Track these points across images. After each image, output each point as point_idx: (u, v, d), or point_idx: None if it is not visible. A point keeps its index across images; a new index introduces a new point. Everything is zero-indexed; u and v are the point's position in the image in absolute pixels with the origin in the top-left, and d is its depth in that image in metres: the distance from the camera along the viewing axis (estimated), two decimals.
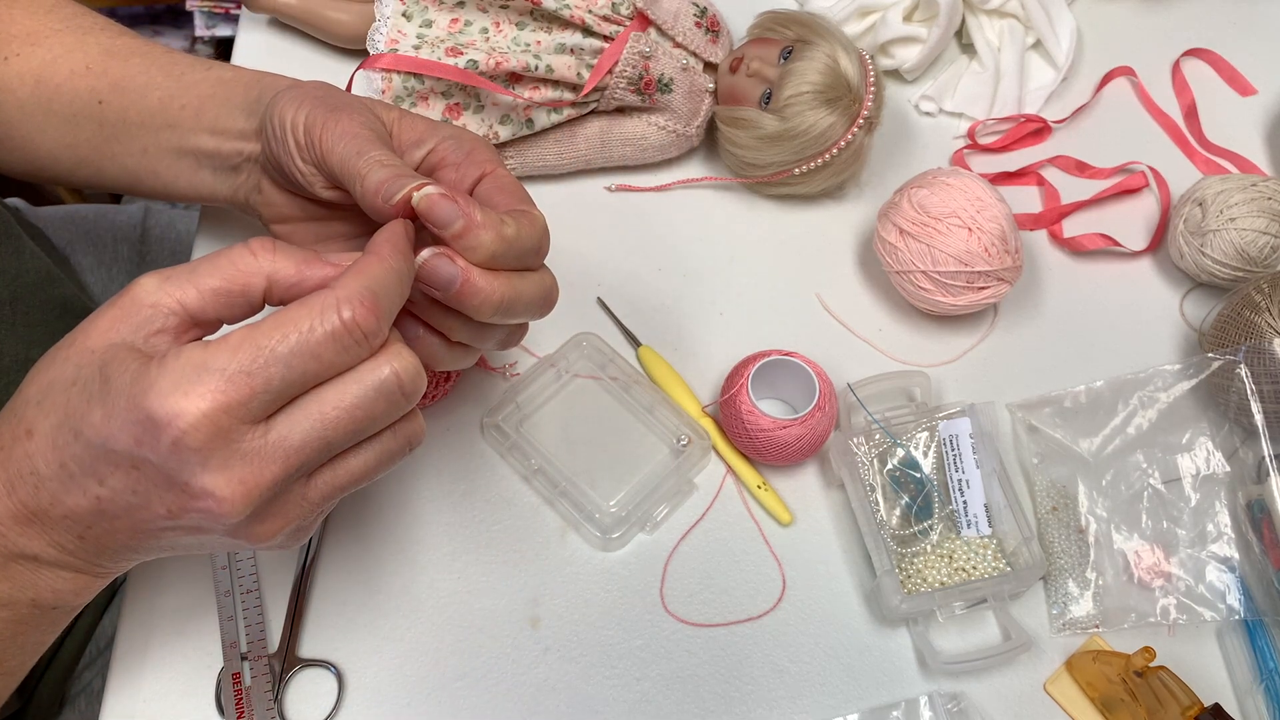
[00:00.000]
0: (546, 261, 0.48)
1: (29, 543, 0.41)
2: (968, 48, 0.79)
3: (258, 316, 0.40)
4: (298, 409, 0.39)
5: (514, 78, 0.66)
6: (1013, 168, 0.74)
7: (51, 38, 0.58)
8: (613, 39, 0.66)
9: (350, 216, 0.53)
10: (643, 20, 0.67)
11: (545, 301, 0.48)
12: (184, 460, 0.37)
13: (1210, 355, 0.62)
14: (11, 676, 0.47)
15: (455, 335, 0.47)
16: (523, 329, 0.52)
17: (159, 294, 0.40)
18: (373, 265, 0.40)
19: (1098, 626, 0.59)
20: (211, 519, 0.39)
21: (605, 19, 0.67)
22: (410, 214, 0.43)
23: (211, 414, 0.37)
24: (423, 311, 0.46)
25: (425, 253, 0.43)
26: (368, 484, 0.44)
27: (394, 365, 0.40)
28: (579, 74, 0.66)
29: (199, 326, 0.41)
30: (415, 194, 0.43)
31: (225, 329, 0.40)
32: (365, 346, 0.39)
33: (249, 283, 0.41)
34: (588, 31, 0.66)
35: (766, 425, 0.59)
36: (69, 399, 0.39)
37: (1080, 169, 0.75)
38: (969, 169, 0.73)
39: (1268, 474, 0.58)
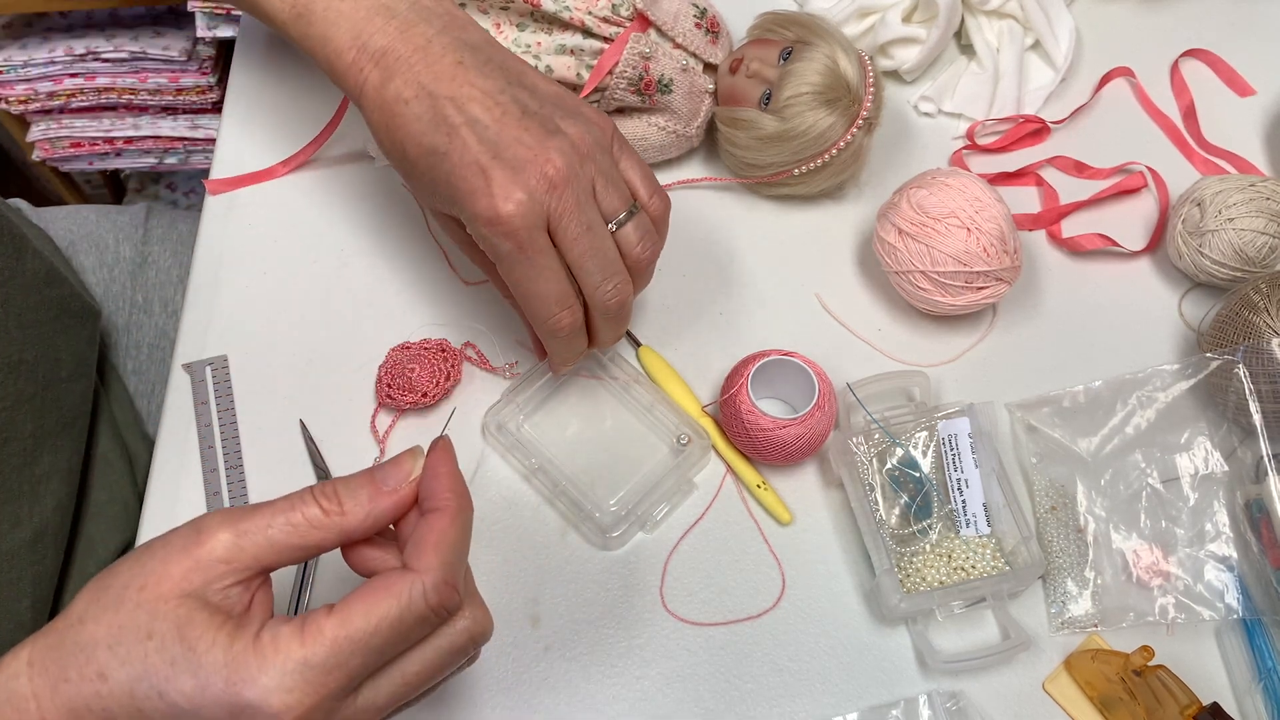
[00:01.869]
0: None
1: None
2: (967, 48, 0.79)
3: None
4: (383, 677, 0.42)
5: None
6: (1012, 168, 0.74)
7: None
8: (613, 40, 0.67)
9: None
10: (642, 21, 0.67)
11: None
12: None
13: (1209, 355, 0.62)
14: None
15: None
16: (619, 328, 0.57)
17: (234, 551, 0.41)
18: (447, 532, 0.43)
19: (1096, 626, 0.59)
20: None
21: (605, 20, 0.67)
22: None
23: (314, 706, 0.39)
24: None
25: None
26: None
27: (469, 628, 0.44)
28: (579, 75, 0.66)
29: (267, 573, 0.43)
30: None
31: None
32: (446, 620, 0.43)
33: (323, 540, 0.43)
34: (587, 33, 0.67)
35: (766, 425, 0.59)
36: (146, 655, 0.40)
37: (1079, 169, 0.75)
38: (968, 169, 0.73)
39: (1266, 473, 0.58)
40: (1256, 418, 0.59)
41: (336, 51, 0.55)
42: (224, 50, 1.33)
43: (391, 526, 0.46)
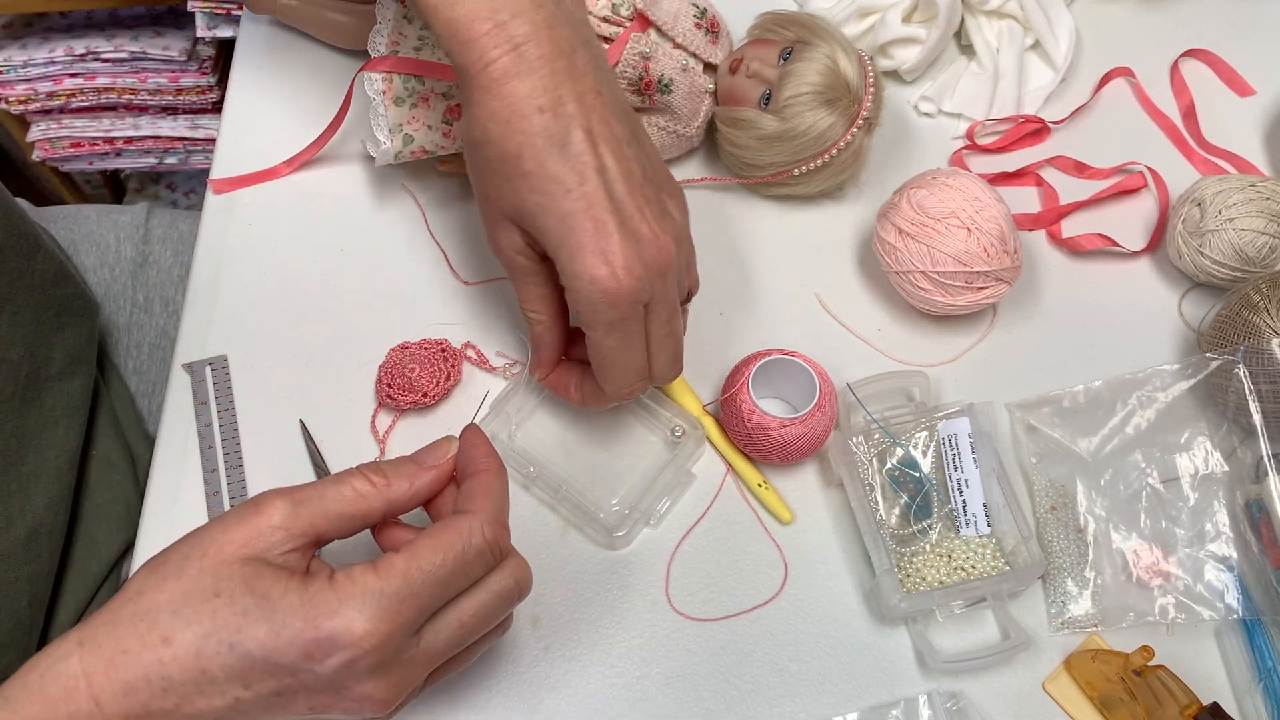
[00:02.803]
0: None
1: None
2: (967, 48, 0.79)
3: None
4: (442, 618, 0.45)
5: None
6: (1012, 168, 0.74)
7: None
8: (613, 40, 0.67)
9: None
10: (642, 21, 0.67)
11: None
12: (354, 673, 0.42)
13: (1209, 355, 0.62)
14: None
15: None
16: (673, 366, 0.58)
17: (291, 518, 0.44)
18: (493, 484, 0.48)
19: (1096, 625, 0.59)
20: (355, 714, 0.44)
21: (605, 20, 0.67)
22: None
23: (390, 634, 0.42)
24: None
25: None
26: None
27: (515, 575, 0.47)
28: None
29: (320, 543, 0.46)
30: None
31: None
32: (499, 559, 0.46)
33: (370, 509, 0.46)
34: None
35: (767, 424, 0.59)
36: (215, 611, 0.42)
37: (1079, 169, 0.75)
38: (968, 169, 0.73)
39: (1266, 473, 0.58)
40: (1256, 418, 0.59)
41: (469, 17, 0.49)
42: (224, 50, 1.33)
43: (425, 511, 0.50)
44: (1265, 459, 0.59)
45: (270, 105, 0.74)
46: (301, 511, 0.44)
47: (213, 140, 1.22)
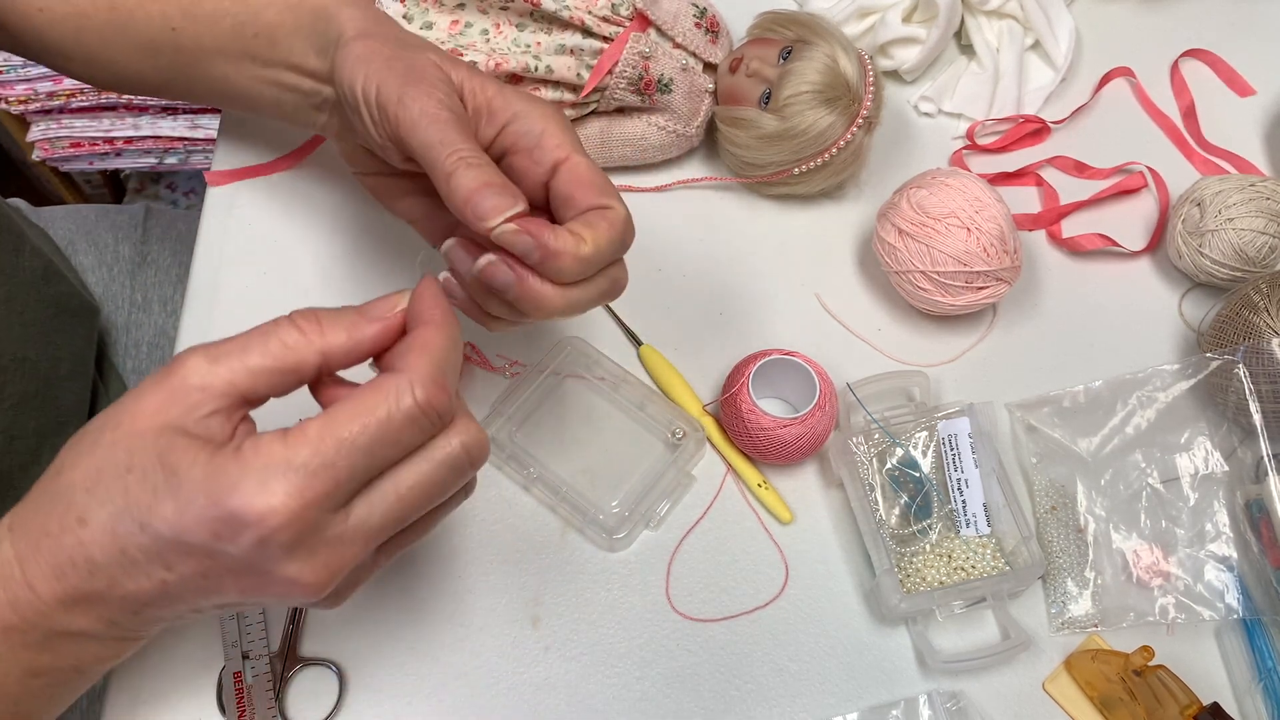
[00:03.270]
0: None
1: (75, 621, 0.41)
2: (967, 48, 0.79)
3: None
4: (375, 492, 0.40)
5: (514, 79, 0.66)
6: (1012, 168, 0.74)
7: None
8: (612, 40, 0.67)
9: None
10: (642, 21, 0.67)
11: (608, 296, 0.48)
12: (269, 553, 0.38)
13: (1209, 355, 0.62)
14: None
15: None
16: (615, 287, 0.50)
17: (209, 376, 0.39)
18: (433, 339, 0.41)
19: (1096, 626, 0.59)
20: (291, 598, 0.40)
21: (605, 20, 0.67)
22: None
23: (299, 510, 0.37)
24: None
25: (482, 260, 0.45)
26: None
27: (463, 439, 0.41)
28: (579, 75, 0.66)
29: (248, 404, 0.40)
30: (493, 231, 0.43)
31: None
32: (438, 425, 0.40)
33: (301, 360, 0.40)
34: (587, 32, 0.67)
35: (767, 424, 0.59)
36: (127, 487, 0.38)
37: (1079, 169, 0.75)
38: (968, 169, 0.73)
39: (1266, 473, 0.58)
40: (1256, 418, 0.59)
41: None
42: None
43: (373, 365, 0.43)
44: (1265, 459, 0.59)
45: None
46: (219, 369, 0.39)
47: (213, 140, 1.22)
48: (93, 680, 0.46)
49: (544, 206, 0.50)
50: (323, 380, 0.42)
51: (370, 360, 0.43)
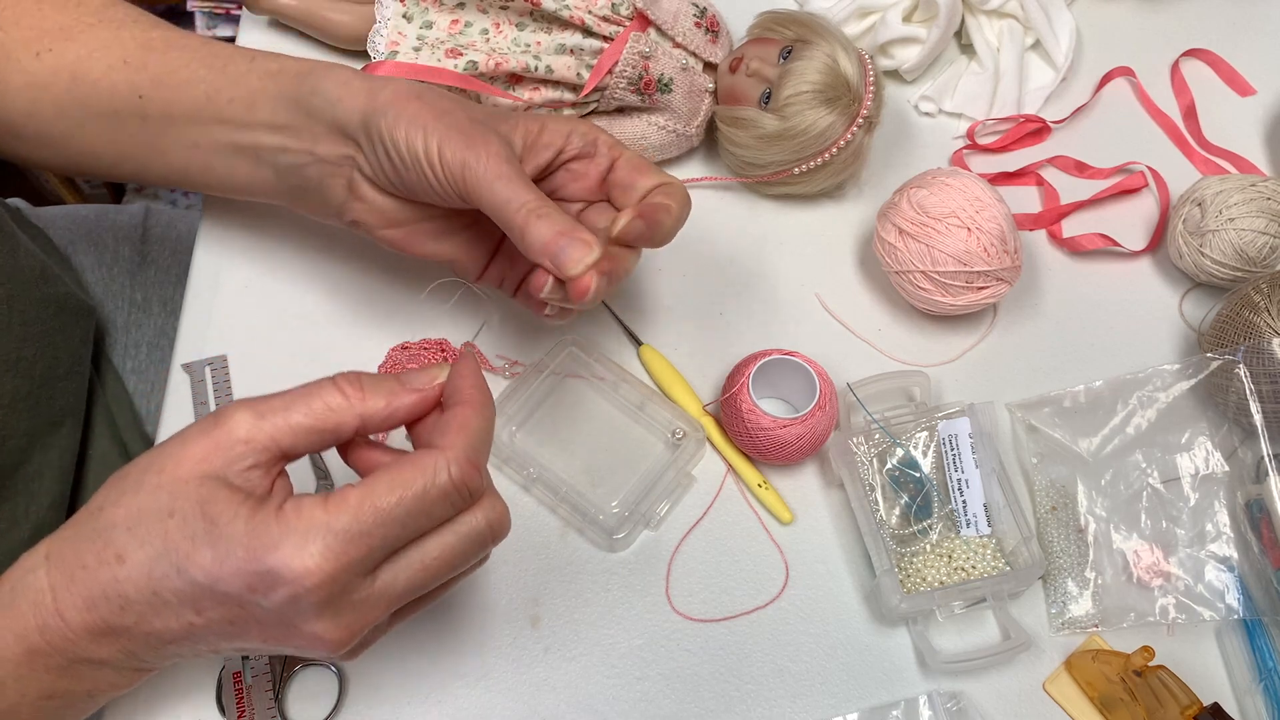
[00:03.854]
0: None
1: (98, 650, 0.42)
2: (967, 48, 0.79)
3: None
4: (402, 559, 0.42)
5: (514, 79, 0.66)
6: (1012, 168, 0.74)
7: (85, 32, 0.57)
8: (612, 39, 0.67)
9: (467, 212, 0.54)
10: (642, 20, 0.67)
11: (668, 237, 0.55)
12: (299, 610, 0.40)
13: (1209, 355, 0.62)
14: None
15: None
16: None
17: (254, 430, 0.41)
18: (471, 420, 0.43)
19: (1097, 626, 0.59)
20: (309, 651, 0.42)
21: (605, 19, 0.67)
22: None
23: (335, 574, 0.39)
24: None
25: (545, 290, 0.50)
26: None
27: (489, 517, 0.44)
28: (579, 74, 0.66)
29: (286, 459, 0.43)
30: (571, 271, 0.48)
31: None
32: (469, 501, 0.43)
33: (341, 422, 0.43)
34: (587, 32, 0.67)
35: (767, 424, 0.59)
36: (167, 532, 0.40)
37: (1079, 169, 0.75)
38: (968, 169, 0.73)
39: (1266, 474, 0.58)
40: (1257, 418, 0.59)
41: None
42: None
43: (408, 433, 0.46)
44: (1266, 459, 0.59)
45: None
46: (264, 425, 0.41)
47: None
48: (98, 706, 0.47)
49: (602, 200, 0.58)
50: (355, 442, 0.45)
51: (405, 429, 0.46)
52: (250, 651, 0.44)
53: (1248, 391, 0.60)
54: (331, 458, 0.62)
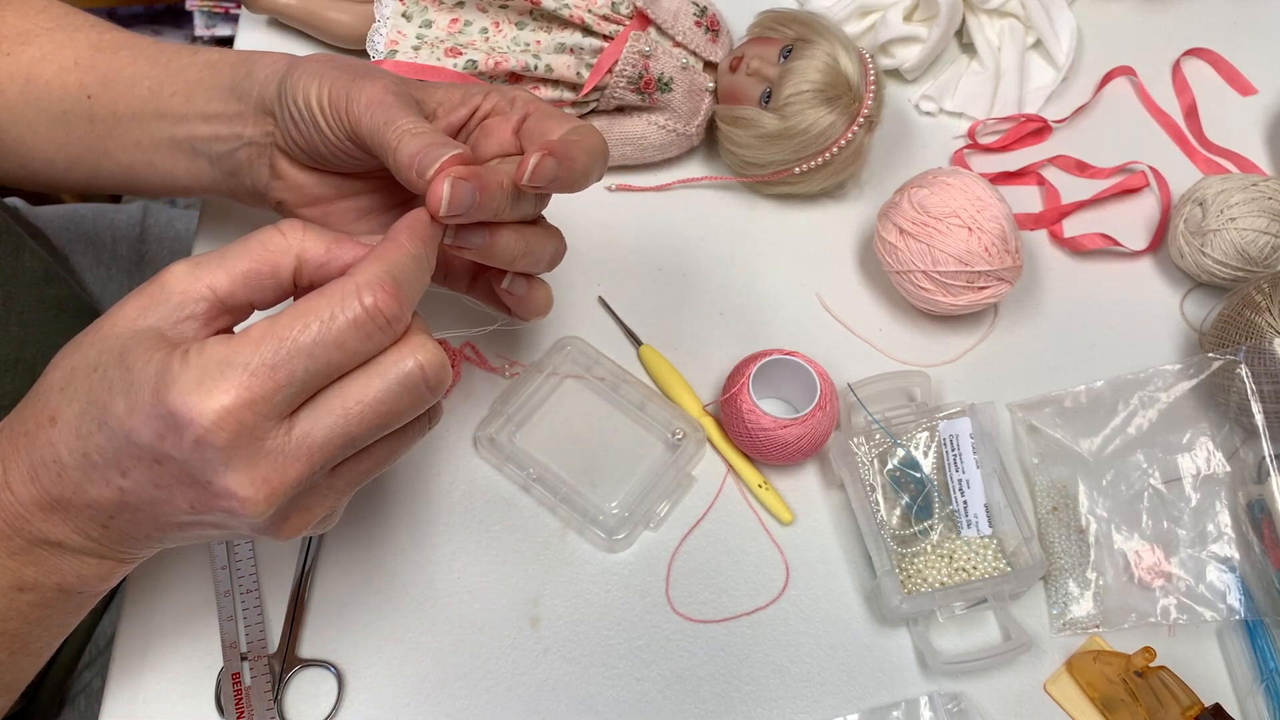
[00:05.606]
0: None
1: (53, 529, 0.41)
2: (968, 47, 0.79)
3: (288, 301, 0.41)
4: (320, 405, 0.38)
5: (514, 78, 0.66)
6: (1013, 167, 0.74)
7: (42, 36, 0.57)
8: (612, 38, 0.66)
9: (388, 188, 0.52)
10: (642, 19, 0.67)
11: (558, 255, 0.52)
12: (206, 459, 0.37)
13: (1210, 355, 0.62)
14: (37, 658, 0.47)
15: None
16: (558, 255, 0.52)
17: (189, 280, 0.39)
18: (391, 251, 0.40)
19: (1098, 626, 0.59)
20: (235, 517, 0.39)
21: (605, 18, 0.67)
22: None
23: (235, 410, 0.36)
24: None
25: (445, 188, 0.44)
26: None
27: (418, 357, 0.39)
28: (579, 74, 0.66)
29: (229, 313, 0.40)
30: (442, 182, 0.42)
31: (256, 315, 0.40)
32: (388, 333, 0.39)
33: (278, 263, 0.40)
34: (587, 31, 0.66)
35: (767, 424, 0.59)
36: (91, 386, 0.38)
37: (1080, 169, 0.75)
38: (969, 169, 0.73)
39: (1268, 474, 0.58)
40: (1259, 418, 0.59)
41: None
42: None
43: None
44: (1267, 459, 0.59)
45: None
46: (200, 273, 0.39)
47: None
48: (80, 606, 0.46)
49: (517, 154, 0.51)
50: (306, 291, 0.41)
51: None
52: (197, 533, 0.42)
53: (1249, 391, 0.60)
54: None
